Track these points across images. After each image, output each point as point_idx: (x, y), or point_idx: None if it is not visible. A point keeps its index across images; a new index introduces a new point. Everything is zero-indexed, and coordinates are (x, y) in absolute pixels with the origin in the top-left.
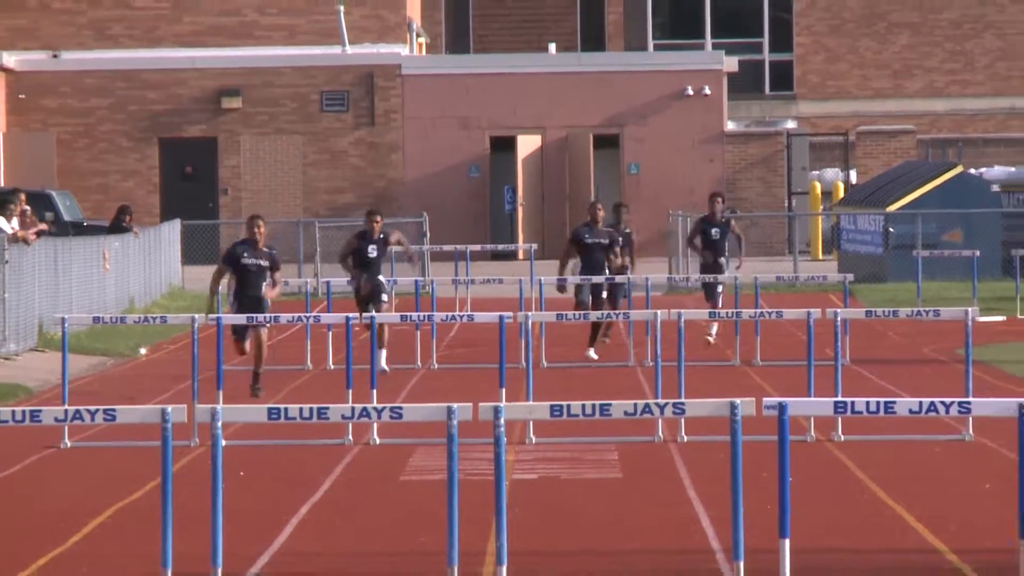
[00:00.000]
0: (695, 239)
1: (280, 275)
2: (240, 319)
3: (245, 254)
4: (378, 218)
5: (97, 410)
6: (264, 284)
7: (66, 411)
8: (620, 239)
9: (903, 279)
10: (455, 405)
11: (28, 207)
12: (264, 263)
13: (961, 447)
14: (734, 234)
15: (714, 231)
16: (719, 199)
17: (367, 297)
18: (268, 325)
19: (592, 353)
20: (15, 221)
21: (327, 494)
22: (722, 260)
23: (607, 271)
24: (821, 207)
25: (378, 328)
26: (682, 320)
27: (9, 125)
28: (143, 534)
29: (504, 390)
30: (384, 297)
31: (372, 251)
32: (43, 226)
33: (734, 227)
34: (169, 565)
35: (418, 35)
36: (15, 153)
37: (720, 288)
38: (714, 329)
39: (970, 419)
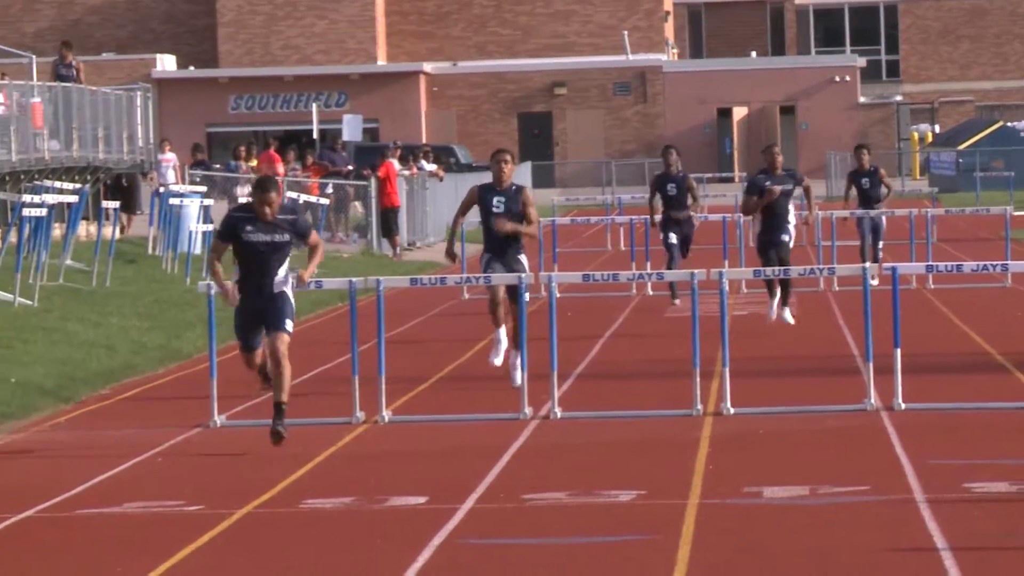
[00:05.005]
0: (849, 193)
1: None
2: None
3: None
4: (507, 157)
5: (479, 276)
6: None
7: (461, 277)
8: (805, 180)
9: (968, 190)
10: (696, 270)
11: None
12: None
13: (1004, 291)
14: (884, 183)
15: (864, 181)
16: (865, 150)
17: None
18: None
19: (787, 314)
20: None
21: (621, 325)
22: (877, 207)
23: (791, 222)
24: (918, 147)
25: (514, 325)
26: (834, 217)
27: (428, 107)
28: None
29: (727, 261)
30: (525, 279)
31: (499, 204)
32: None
33: (883, 175)
34: (525, 368)
35: (672, 47)
36: (432, 124)
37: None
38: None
39: (1009, 274)
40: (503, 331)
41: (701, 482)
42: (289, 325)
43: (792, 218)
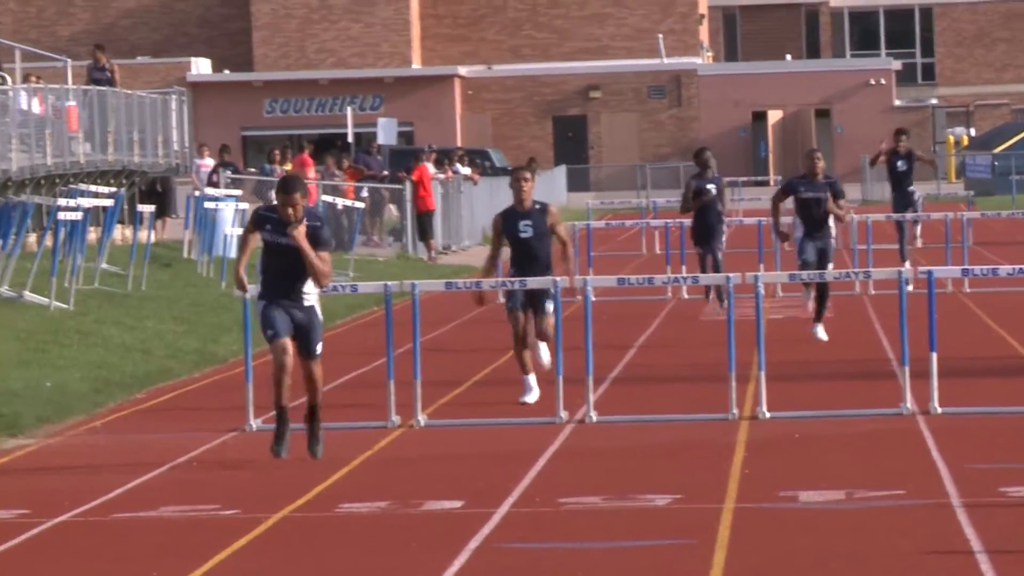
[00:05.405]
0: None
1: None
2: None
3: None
4: (526, 175)
5: (515, 280)
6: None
7: (497, 280)
8: (843, 189)
9: (1004, 193)
10: (732, 274)
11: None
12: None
13: None
14: (923, 161)
15: (900, 163)
16: (904, 135)
17: (525, 301)
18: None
19: (821, 332)
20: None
21: (656, 329)
22: (911, 190)
23: (831, 228)
24: (953, 151)
25: (545, 329)
26: (869, 221)
27: (463, 110)
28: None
29: (763, 264)
30: (549, 307)
31: (526, 228)
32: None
33: (921, 156)
34: (559, 372)
35: (707, 50)
36: (467, 127)
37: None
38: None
39: None
40: (532, 378)
41: (737, 486)
42: (320, 348)
43: (832, 220)
